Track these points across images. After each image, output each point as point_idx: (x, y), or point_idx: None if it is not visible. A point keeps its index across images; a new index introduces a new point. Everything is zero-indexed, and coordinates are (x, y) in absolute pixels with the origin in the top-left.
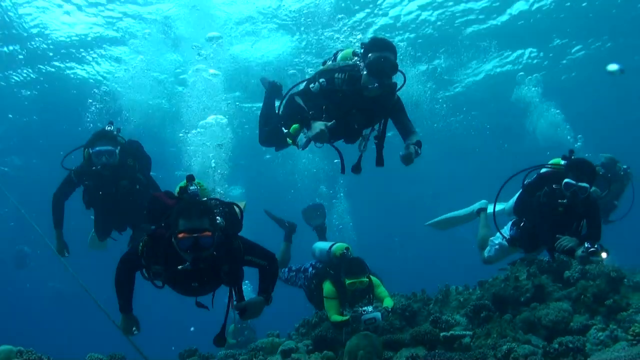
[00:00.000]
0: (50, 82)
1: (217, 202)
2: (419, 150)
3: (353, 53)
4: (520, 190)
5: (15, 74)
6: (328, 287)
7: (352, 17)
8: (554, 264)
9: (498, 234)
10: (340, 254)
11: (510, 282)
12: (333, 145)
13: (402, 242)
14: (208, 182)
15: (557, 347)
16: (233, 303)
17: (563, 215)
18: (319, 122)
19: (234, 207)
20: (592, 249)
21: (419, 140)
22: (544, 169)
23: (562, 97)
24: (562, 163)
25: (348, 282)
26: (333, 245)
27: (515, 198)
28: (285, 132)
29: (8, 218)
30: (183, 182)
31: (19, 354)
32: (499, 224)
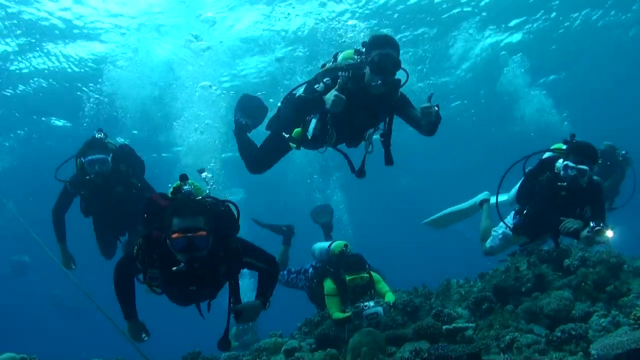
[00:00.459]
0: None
1: (212, 200)
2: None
3: (355, 52)
4: (522, 178)
5: None
6: (329, 284)
7: None
8: (554, 254)
9: (501, 224)
10: (340, 251)
11: (511, 272)
12: (337, 149)
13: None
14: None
15: (559, 335)
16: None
17: (566, 200)
18: (330, 92)
19: (231, 205)
20: (597, 228)
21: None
22: (546, 155)
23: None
24: (563, 148)
25: (348, 278)
26: (332, 244)
27: (518, 186)
28: (288, 136)
29: (6, 226)
30: (177, 182)
31: None
32: (502, 215)
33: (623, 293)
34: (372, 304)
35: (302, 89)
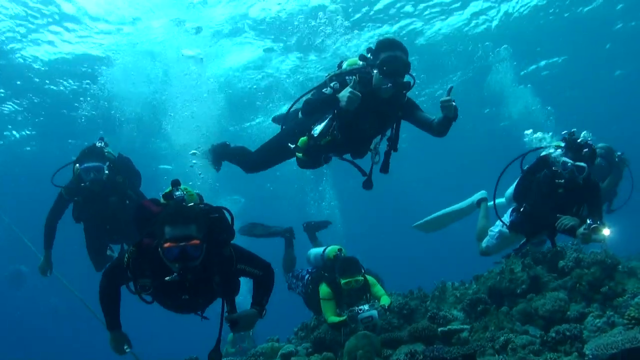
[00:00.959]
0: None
1: (205, 207)
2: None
3: (360, 57)
4: (520, 176)
5: None
6: (324, 289)
7: None
8: (549, 255)
9: (497, 222)
10: (334, 256)
11: (506, 274)
12: (343, 158)
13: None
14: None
15: (554, 335)
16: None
17: (563, 197)
18: (345, 90)
19: (225, 212)
20: (594, 225)
21: None
22: (544, 152)
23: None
24: (562, 145)
25: (343, 281)
26: (326, 249)
27: (515, 184)
28: (294, 147)
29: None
30: (168, 188)
31: None
32: (500, 214)
33: (618, 293)
34: (367, 308)
35: (309, 95)
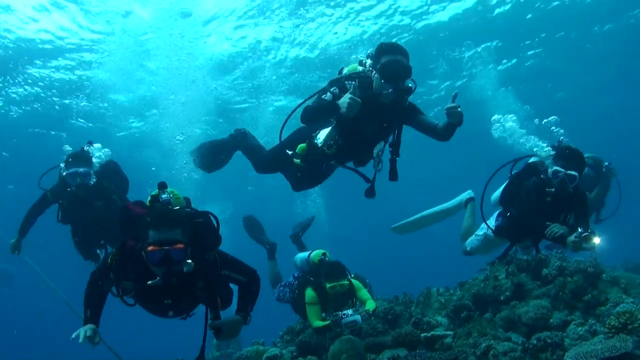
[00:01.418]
0: None
1: (191, 211)
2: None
3: (359, 63)
4: (507, 181)
5: None
6: (309, 293)
7: None
8: (533, 263)
9: (483, 226)
10: (319, 260)
11: (490, 281)
12: (345, 166)
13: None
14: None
15: (535, 342)
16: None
17: (551, 206)
18: (345, 96)
19: (210, 216)
20: (585, 234)
21: None
22: (533, 159)
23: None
24: (551, 152)
25: (329, 286)
26: (311, 253)
27: (502, 188)
28: (291, 153)
29: None
30: (155, 190)
31: None
32: (485, 216)
33: (601, 302)
34: (350, 312)
35: (310, 102)
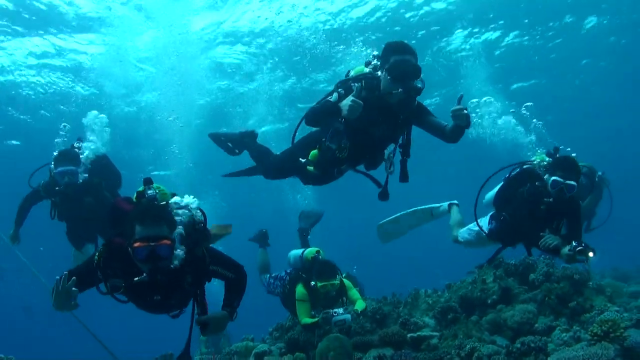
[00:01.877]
0: None
1: (178, 206)
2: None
3: (365, 63)
4: (502, 183)
5: None
6: (300, 290)
7: None
8: (520, 268)
9: (474, 225)
10: (312, 258)
11: (477, 284)
12: (357, 170)
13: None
14: None
15: (519, 346)
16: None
17: (545, 213)
18: (347, 99)
19: (199, 211)
20: (579, 248)
21: None
22: (527, 165)
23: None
24: (546, 160)
25: (320, 285)
26: (305, 251)
27: (496, 190)
28: (304, 161)
29: None
30: (141, 186)
31: None
32: (478, 215)
33: (586, 309)
34: (341, 311)
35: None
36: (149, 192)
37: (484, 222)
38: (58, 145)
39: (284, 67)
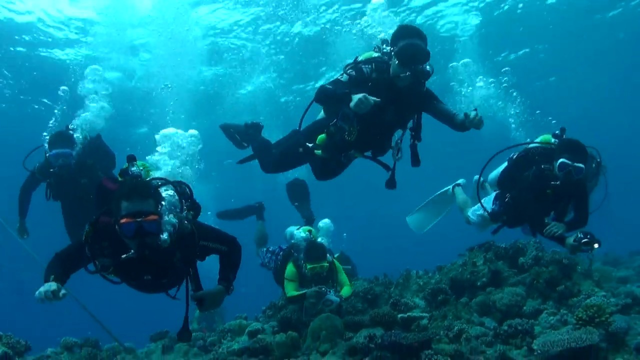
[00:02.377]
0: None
1: (163, 181)
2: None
3: (375, 48)
4: (506, 164)
5: None
6: (290, 268)
7: None
8: (510, 252)
9: (478, 206)
10: (303, 237)
11: (468, 267)
12: (364, 155)
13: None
14: None
15: (506, 329)
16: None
17: (551, 196)
18: (361, 94)
19: (185, 186)
20: (585, 240)
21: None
22: (532, 145)
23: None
24: (552, 141)
25: (309, 266)
26: (299, 229)
27: (500, 171)
28: (312, 145)
29: None
30: (125, 164)
31: None
32: (481, 195)
33: (574, 293)
34: (333, 292)
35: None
36: (133, 169)
37: (488, 202)
38: (51, 129)
39: None
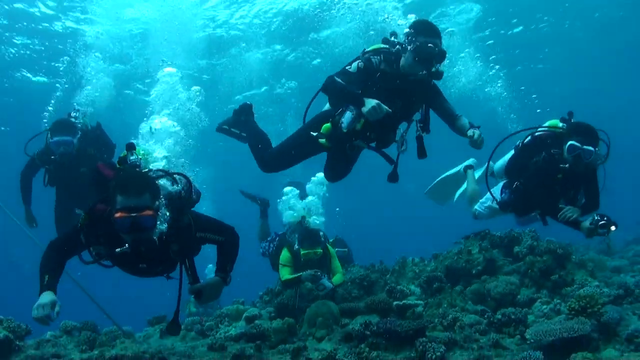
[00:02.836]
0: None
1: (161, 173)
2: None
3: (383, 40)
4: (513, 151)
5: None
6: (284, 254)
7: None
8: (506, 240)
9: (488, 195)
10: (297, 223)
11: (463, 255)
12: (369, 146)
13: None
14: None
15: (500, 317)
16: (185, 283)
17: (561, 182)
18: (374, 100)
19: (183, 178)
20: (602, 222)
21: (471, 122)
22: (540, 131)
23: None
24: (560, 125)
25: (303, 252)
26: (290, 215)
27: (507, 158)
28: (316, 134)
29: None
30: (124, 151)
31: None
32: (490, 185)
33: (567, 283)
34: (326, 278)
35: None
36: (132, 158)
37: (497, 190)
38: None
39: None
